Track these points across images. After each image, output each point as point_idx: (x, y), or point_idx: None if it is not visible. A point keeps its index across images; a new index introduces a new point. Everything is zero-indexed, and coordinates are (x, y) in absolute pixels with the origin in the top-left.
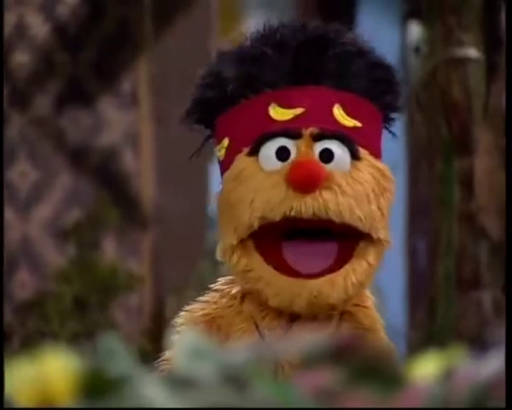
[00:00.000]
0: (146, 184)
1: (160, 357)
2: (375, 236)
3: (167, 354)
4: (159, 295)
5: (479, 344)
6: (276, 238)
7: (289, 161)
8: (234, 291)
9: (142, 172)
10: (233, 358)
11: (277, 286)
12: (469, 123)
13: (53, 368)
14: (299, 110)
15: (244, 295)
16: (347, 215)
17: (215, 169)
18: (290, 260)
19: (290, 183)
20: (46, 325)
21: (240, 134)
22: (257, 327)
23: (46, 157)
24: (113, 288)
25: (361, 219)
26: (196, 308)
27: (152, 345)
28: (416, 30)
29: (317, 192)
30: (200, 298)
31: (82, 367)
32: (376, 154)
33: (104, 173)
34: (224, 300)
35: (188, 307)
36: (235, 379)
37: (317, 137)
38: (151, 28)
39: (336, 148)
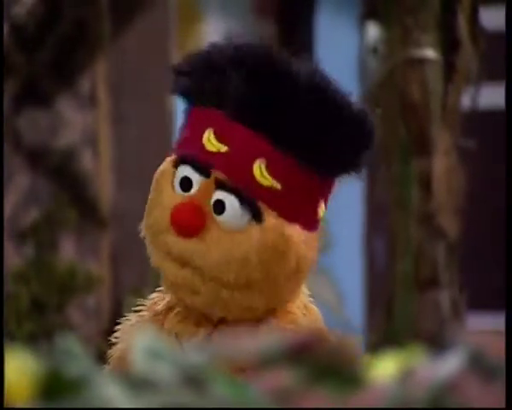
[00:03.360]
0: (104, 184)
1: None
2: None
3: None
4: (117, 296)
5: (437, 344)
6: None
7: (188, 193)
8: (159, 307)
9: (101, 173)
10: (191, 358)
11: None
12: (427, 123)
13: (10, 369)
14: (224, 148)
15: (167, 311)
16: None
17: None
18: None
19: (171, 224)
20: (3, 325)
21: (182, 136)
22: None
23: (4, 157)
24: (70, 288)
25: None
26: (130, 319)
27: (110, 346)
28: (373, 30)
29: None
30: (134, 308)
31: (39, 368)
32: (291, 218)
33: (62, 174)
34: (149, 313)
35: (125, 318)
36: (192, 380)
37: (219, 185)
38: (109, 28)
39: (232, 201)
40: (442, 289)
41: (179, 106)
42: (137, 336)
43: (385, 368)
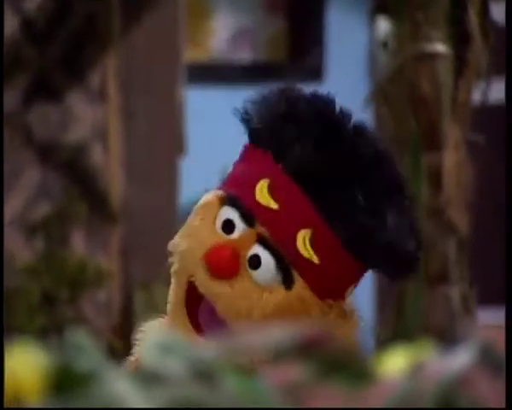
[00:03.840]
0: (114, 178)
1: (128, 353)
2: None
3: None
4: (127, 290)
5: (447, 339)
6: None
7: (229, 237)
8: None
9: (111, 167)
10: (202, 353)
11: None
12: (438, 118)
13: (21, 364)
14: (275, 205)
15: None
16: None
17: (184, 164)
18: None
19: (205, 263)
20: (14, 319)
21: (235, 174)
22: None
23: (14, 152)
24: (81, 283)
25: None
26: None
27: (120, 340)
28: (384, 25)
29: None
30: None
31: (50, 363)
32: (320, 293)
33: (72, 168)
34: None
35: (145, 325)
36: (204, 374)
37: (261, 240)
38: (119, 23)
39: (269, 260)
40: (452, 284)
41: (189, 101)
42: (148, 331)
43: (395, 363)
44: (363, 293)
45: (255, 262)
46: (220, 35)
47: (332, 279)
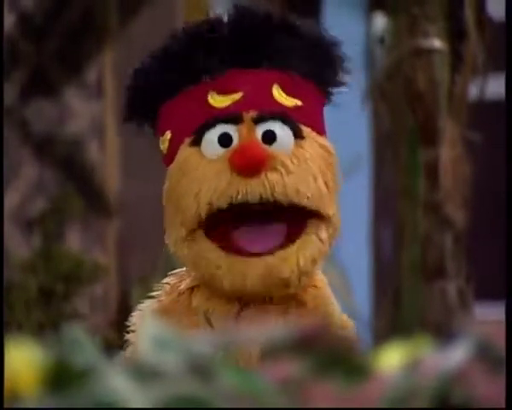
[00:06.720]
0: (111, 174)
1: (124, 346)
2: (323, 213)
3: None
4: (124, 285)
5: (444, 334)
6: (225, 225)
7: (232, 146)
8: (182, 286)
9: (107, 163)
10: (198, 347)
11: (229, 267)
12: (434, 113)
13: (18, 359)
14: (237, 95)
15: (193, 290)
16: (294, 195)
17: None
18: (241, 242)
19: (234, 168)
20: (11, 315)
21: (181, 125)
22: (207, 320)
23: (11, 147)
24: (77, 278)
25: (308, 198)
26: (146, 305)
27: (117, 335)
28: (380, 21)
29: (263, 175)
30: (150, 294)
31: (47, 358)
32: (319, 130)
33: (69, 164)
34: (171, 295)
35: (140, 306)
36: (200, 369)
37: (258, 120)
38: (116, 18)
39: (278, 128)
40: (449, 278)
41: None
42: (145, 326)
43: (392, 358)
44: (361, 287)
45: (270, 136)
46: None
47: (317, 113)
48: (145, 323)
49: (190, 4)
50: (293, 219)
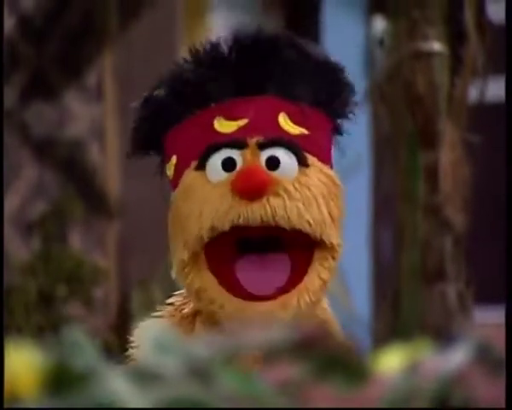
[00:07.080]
0: (111, 176)
1: (125, 353)
2: (327, 241)
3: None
4: (124, 289)
5: (444, 336)
6: (228, 253)
7: (236, 170)
8: (186, 310)
9: (108, 165)
10: (198, 351)
11: (230, 309)
12: (434, 116)
13: (17, 362)
14: (243, 121)
15: (195, 315)
16: (296, 220)
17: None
18: (243, 280)
19: (236, 191)
20: (11, 317)
21: (187, 150)
22: None
23: (11, 150)
24: (78, 281)
25: (310, 224)
26: (147, 324)
27: (117, 338)
28: (380, 23)
29: (264, 199)
30: (154, 314)
31: (47, 360)
32: (325, 160)
33: (69, 166)
34: (174, 318)
35: (141, 323)
36: (200, 372)
37: (263, 146)
38: (116, 21)
39: (282, 155)
40: (449, 281)
41: None
42: (145, 330)
43: (391, 361)
44: (360, 290)
45: (274, 162)
46: (217, 33)
47: (323, 143)
48: (146, 326)
49: (190, 8)
50: (296, 251)
